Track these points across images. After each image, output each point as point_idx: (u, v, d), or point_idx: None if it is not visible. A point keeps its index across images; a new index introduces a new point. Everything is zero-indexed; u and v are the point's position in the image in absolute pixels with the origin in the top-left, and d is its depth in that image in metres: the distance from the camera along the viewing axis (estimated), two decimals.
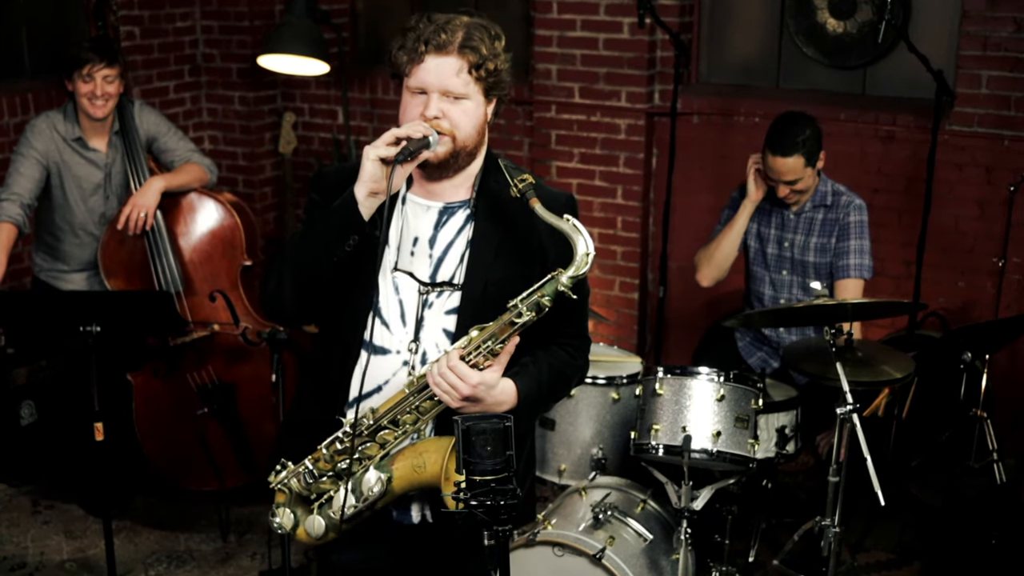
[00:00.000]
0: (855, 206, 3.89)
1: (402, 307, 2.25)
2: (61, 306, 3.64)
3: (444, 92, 2.16)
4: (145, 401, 4.11)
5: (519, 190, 2.14)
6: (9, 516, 4.32)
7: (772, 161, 3.79)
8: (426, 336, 2.23)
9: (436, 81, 2.16)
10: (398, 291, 2.25)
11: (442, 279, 2.24)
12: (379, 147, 2.12)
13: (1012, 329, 3.99)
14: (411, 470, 2.15)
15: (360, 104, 5.82)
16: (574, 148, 5.19)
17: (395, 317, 2.25)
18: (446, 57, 2.15)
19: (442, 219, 2.26)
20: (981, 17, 4.38)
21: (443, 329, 2.24)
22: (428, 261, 2.25)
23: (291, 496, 2.29)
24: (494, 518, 2.00)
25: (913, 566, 3.95)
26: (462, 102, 2.18)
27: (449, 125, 2.17)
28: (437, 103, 2.16)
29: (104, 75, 3.93)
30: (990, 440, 3.82)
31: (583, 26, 5.01)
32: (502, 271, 2.23)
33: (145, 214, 3.99)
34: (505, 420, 2.00)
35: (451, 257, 2.25)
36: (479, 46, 2.17)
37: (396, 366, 2.24)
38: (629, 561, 3.12)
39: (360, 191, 2.14)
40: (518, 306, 2.12)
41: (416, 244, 2.25)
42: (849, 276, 3.86)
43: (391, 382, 2.24)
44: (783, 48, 5.02)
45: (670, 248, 4.71)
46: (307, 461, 2.25)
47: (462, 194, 2.28)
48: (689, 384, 3.31)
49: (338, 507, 2.20)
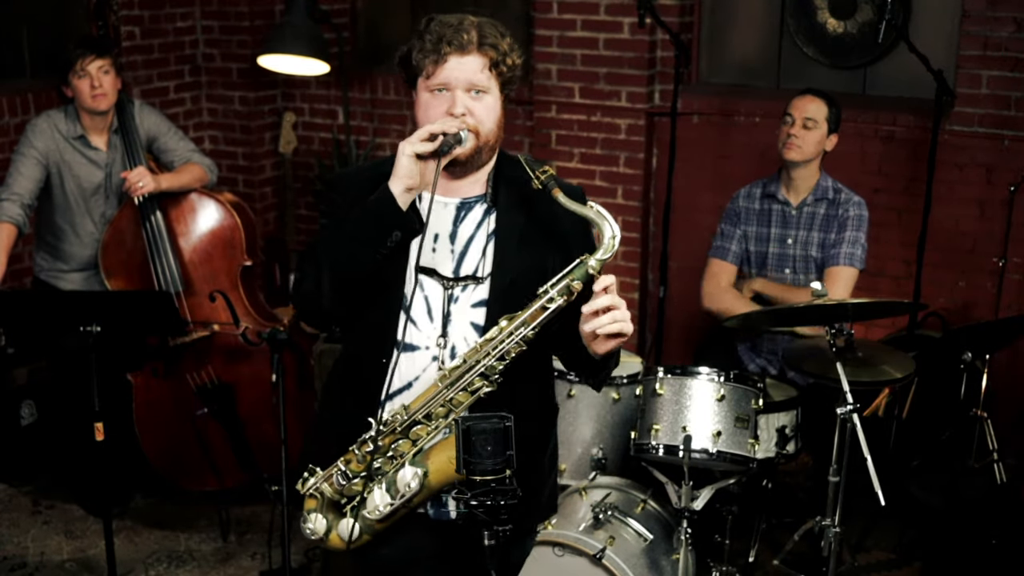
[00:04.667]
0: (854, 202, 3.91)
1: (428, 303, 2.27)
2: (61, 306, 3.63)
3: (468, 88, 2.21)
4: (145, 401, 4.11)
5: (541, 182, 2.17)
6: (9, 516, 4.32)
7: (798, 100, 3.93)
8: (454, 331, 2.26)
9: (458, 78, 2.20)
10: (423, 288, 2.27)
11: (465, 273, 2.27)
12: (414, 143, 2.15)
13: (1012, 329, 3.99)
14: (447, 463, 2.13)
15: (360, 104, 5.81)
16: (574, 148, 5.19)
17: (422, 314, 2.27)
18: (468, 56, 2.19)
19: (460, 214, 2.30)
20: (981, 17, 4.38)
21: (471, 323, 2.26)
22: (450, 256, 2.28)
23: (323, 501, 2.27)
24: (494, 518, 2.01)
25: (913, 566, 3.95)
26: (484, 98, 2.22)
27: (474, 121, 2.21)
28: (463, 99, 2.20)
29: (98, 66, 3.93)
30: (990, 440, 3.83)
31: (583, 26, 5.01)
32: (528, 261, 2.26)
33: (143, 184, 3.99)
34: (505, 420, 2.00)
35: (473, 251, 2.28)
36: (497, 43, 2.22)
37: (426, 362, 2.26)
38: (629, 561, 3.12)
39: (396, 187, 2.16)
40: (548, 291, 2.15)
41: (437, 241, 2.28)
42: (838, 263, 3.87)
43: (421, 378, 2.26)
44: (783, 48, 5.02)
45: (670, 248, 4.71)
46: (339, 463, 2.24)
47: (477, 189, 2.31)
48: (689, 384, 3.31)
49: (373, 508, 2.19)
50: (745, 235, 4.04)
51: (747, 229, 4.04)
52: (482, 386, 2.17)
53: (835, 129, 3.92)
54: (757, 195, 4.04)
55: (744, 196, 4.06)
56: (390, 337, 2.25)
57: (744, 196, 4.06)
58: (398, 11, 5.86)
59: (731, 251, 4.05)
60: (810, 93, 3.95)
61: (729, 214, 4.07)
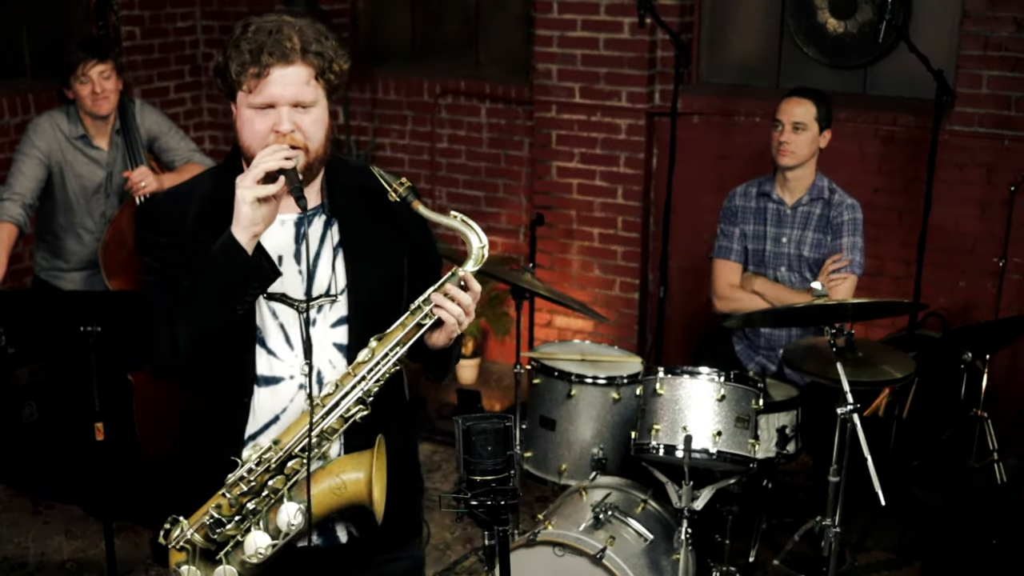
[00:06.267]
0: (848, 205, 3.91)
1: (285, 331, 2.13)
2: (62, 306, 3.63)
3: (295, 104, 2.03)
4: (145, 401, 4.11)
5: (399, 194, 2.05)
6: (9, 516, 4.32)
7: (785, 104, 3.90)
8: (317, 354, 2.12)
9: (286, 94, 2.02)
10: (276, 316, 2.13)
11: (318, 292, 2.13)
12: (254, 188, 1.96)
13: (1012, 329, 3.99)
14: (329, 493, 2.06)
15: (360, 104, 5.82)
16: (574, 148, 5.19)
17: (280, 343, 2.13)
18: (291, 67, 2.01)
19: (300, 231, 2.14)
20: (981, 17, 4.38)
21: (333, 343, 2.14)
22: (299, 277, 2.12)
23: (193, 552, 2.10)
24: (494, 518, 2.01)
25: (913, 566, 3.95)
26: (311, 111, 2.05)
27: (303, 138, 2.04)
28: (289, 116, 2.03)
29: (99, 71, 3.93)
30: (990, 440, 3.83)
31: (583, 26, 5.01)
32: (382, 270, 2.15)
33: (146, 184, 4.00)
34: (505, 420, 2.00)
35: (322, 268, 2.14)
36: (322, 49, 2.05)
37: (292, 392, 2.14)
38: (629, 561, 3.12)
39: (243, 236, 1.98)
40: (422, 307, 2.06)
41: (281, 263, 2.09)
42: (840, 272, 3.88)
43: (289, 409, 2.14)
44: (783, 48, 5.02)
45: (670, 248, 4.71)
46: (209, 508, 2.08)
47: (313, 200, 2.13)
48: (689, 384, 3.31)
49: (253, 551, 2.07)
50: (744, 233, 4.04)
51: (744, 227, 4.04)
52: (358, 411, 2.08)
53: (827, 125, 3.90)
54: (753, 194, 4.04)
55: (740, 195, 4.07)
56: (249, 374, 2.12)
57: (740, 195, 4.07)
58: (398, 11, 5.87)
59: (734, 250, 4.05)
60: (796, 95, 3.92)
61: (726, 213, 4.08)
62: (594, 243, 5.19)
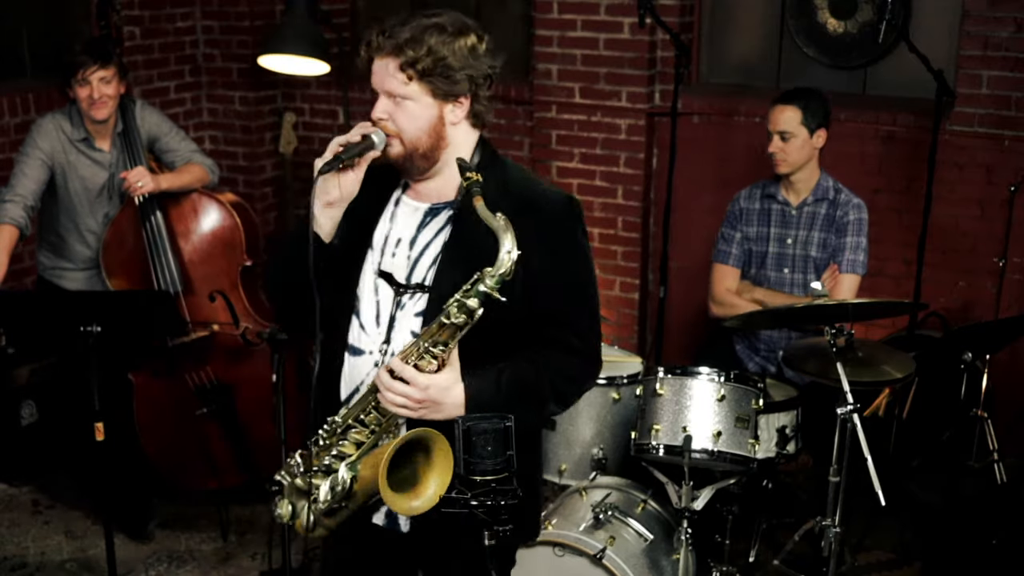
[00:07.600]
0: (854, 205, 3.90)
1: (378, 308, 2.26)
2: (62, 306, 3.63)
3: (386, 93, 2.18)
4: (145, 401, 4.11)
5: (464, 188, 2.10)
6: (9, 516, 4.32)
7: (771, 111, 3.88)
8: (396, 337, 2.23)
9: (378, 83, 2.19)
10: (377, 292, 2.26)
11: (416, 281, 2.23)
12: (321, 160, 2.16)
13: (1012, 329, 3.99)
14: (371, 473, 2.13)
15: (361, 104, 5.81)
16: (575, 148, 5.19)
17: (371, 319, 2.26)
18: (382, 59, 2.17)
19: (425, 220, 2.25)
20: (981, 17, 4.38)
21: (411, 331, 2.22)
22: (406, 263, 2.25)
23: (291, 487, 2.31)
24: (494, 518, 2.01)
25: (913, 566, 3.95)
26: (405, 103, 2.16)
27: (395, 127, 2.17)
28: (382, 104, 2.19)
29: (100, 77, 3.92)
30: (991, 440, 3.83)
31: (583, 26, 5.01)
32: (460, 275, 2.12)
33: (142, 184, 3.99)
34: (506, 420, 2.00)
35: (426, 259, 2.24)
36: (418, 45, 2.12)
37: (369, 366, 2.25)
38: (629, 561, 3.12)
39: (315, 206, 2.19)
40: (448, 308, 2.09)
41: (398, 245, 2.25)
42: (842, 271, 3.88)
43: (367, 382, 2.24)
44: (783, 48, 5.02)
45: (671, 248, 4.71)
46: (297, 455, 2.29)
47: (447, 195, 2.25)
48: (690, 384, 3.31)
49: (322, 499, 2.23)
50: (745, 236, 4.04)
51: (747, 230, 4.04)
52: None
53: (821, 124, 3.85)
54: (757, 195, 4.04)
55: (745, 197, 4.07)
56: (340, 341, 2.28)
57: (745, 197, 4.07)
58: (398, 11, 5.84)
59: (732, 254, 4.05)
60: (779, 102, 3.88)
61: (729, 217, 4.08)
62: (594, 243, 5.18)
